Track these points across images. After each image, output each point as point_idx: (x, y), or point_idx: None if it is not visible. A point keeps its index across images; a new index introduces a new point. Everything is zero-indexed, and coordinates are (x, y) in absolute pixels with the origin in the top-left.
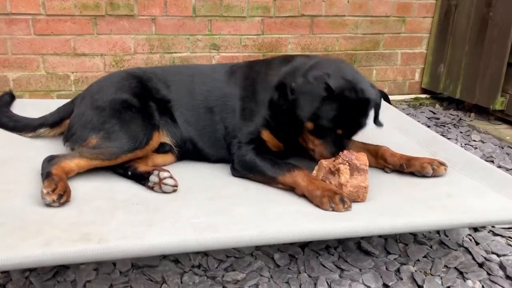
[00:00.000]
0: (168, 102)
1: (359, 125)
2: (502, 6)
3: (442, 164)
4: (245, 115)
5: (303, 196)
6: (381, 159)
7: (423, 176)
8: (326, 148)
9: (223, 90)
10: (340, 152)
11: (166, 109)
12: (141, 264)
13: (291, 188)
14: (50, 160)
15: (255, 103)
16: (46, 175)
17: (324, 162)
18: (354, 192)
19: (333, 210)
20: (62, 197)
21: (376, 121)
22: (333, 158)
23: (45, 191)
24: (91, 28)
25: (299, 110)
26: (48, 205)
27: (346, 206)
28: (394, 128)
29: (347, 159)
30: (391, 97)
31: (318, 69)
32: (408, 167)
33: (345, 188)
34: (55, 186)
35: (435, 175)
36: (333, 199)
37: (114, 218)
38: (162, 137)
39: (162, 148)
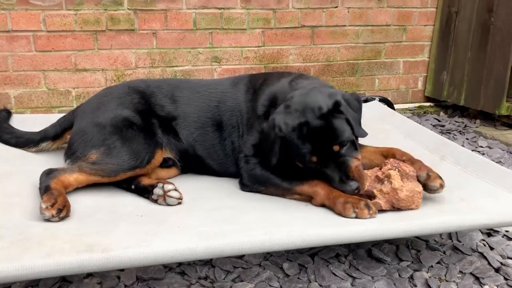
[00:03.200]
0: (173, 119)
1: (327, 148)
2: (504, 11)
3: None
4: (249, 128)
5: (321, 205)
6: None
7: None
8: (329, 177)
9: (228, 104)
10: (387, 160)
11: (171, 126)
12: (146, 277)
13: (308, 199)
14: (48, 174)
15: (256, 117)
16: (45, 189)
17: (368, 172)
18: (410, 197)
19: (356, 217)
20: (61, 211)
21: (355, 132)
22: (379, 167)
23: (44, 205)
24: (92, 43)
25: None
26: (48, 220)
27: (371, 212)
28: (401, 134)
29: (395, 165)
30: (394, 106)
31: (283, 105)
32: None
33: (400, 193)
34: (55, 201)
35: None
36: (358, 204)
37: (117, 229)
38: (165, 153)
39: (165, 163)
